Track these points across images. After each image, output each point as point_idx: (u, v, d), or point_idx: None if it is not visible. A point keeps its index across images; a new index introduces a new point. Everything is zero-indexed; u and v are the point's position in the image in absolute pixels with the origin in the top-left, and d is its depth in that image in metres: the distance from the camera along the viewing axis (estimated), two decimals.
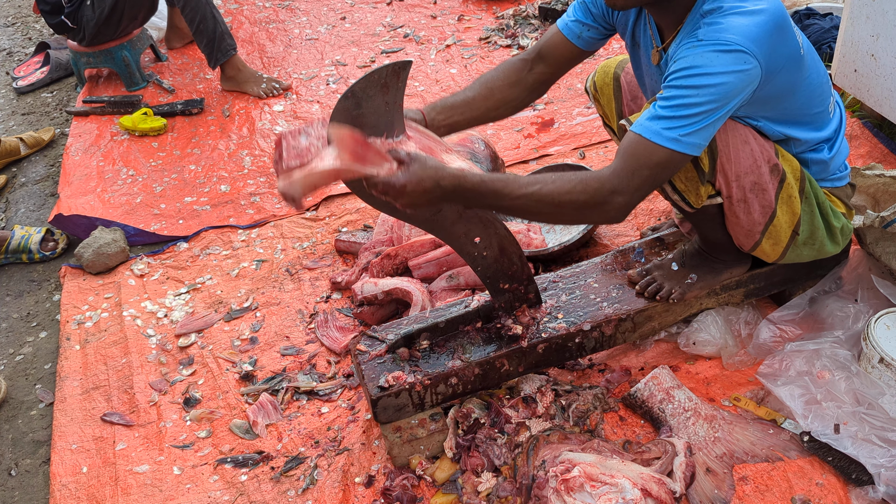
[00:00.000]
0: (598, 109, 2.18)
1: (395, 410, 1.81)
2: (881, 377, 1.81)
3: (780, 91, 1.65)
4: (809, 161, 1.81)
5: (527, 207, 1.62)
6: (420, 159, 1.57)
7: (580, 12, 1.91)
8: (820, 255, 1.92)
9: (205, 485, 1.93)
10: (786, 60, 1.60)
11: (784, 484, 1.71)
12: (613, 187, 1.57)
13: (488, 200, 1.61)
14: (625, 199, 1.58)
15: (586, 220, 1.69)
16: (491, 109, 1.95)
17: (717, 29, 1.54)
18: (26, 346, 2.49)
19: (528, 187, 1.59)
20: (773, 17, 1.54)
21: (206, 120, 3.57)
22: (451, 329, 1.93)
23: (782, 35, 1.58)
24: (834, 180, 1.87)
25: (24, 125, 3.84)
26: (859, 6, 2.53)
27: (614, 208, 1.59)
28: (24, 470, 2.08)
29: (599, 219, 1.68)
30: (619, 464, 1.66)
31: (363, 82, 1.57)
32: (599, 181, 1.58)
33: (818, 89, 1.74)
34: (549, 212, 1.63)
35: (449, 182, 1.57)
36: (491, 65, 3.68)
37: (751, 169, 1.72)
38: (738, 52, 1.51)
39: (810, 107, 1.75)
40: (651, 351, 2.08)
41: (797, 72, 1.65)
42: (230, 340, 2.36)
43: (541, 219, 1.68)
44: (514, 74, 1.96)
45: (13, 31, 4.94)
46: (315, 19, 4.41)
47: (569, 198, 1.58)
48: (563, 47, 1.94)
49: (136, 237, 2.86)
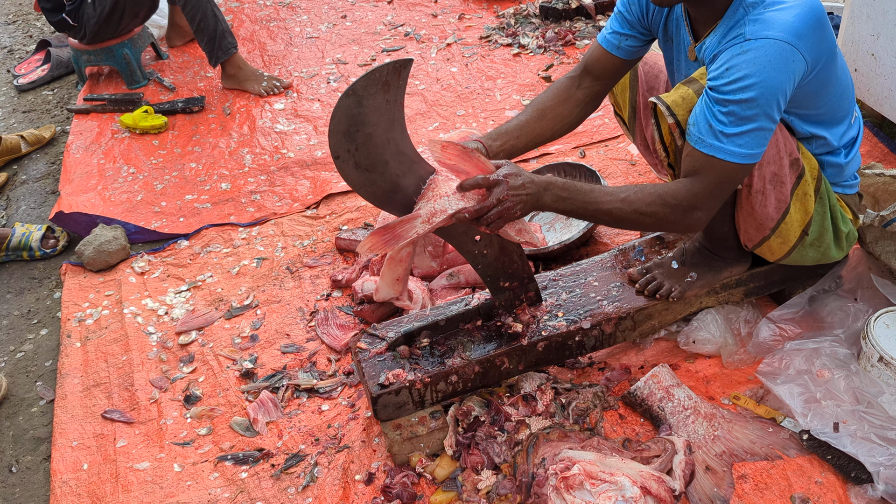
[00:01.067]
0: (610, 99, 2.20)
1: (396, 408, 1.82)
2: (880, 376, 1.81)
3: (816, 87, 1.67)
4: (826, 164, 1.82)
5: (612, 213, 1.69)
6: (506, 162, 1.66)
7: (616, 23, 1.95)
8: (823, 260, 1.92)
9: (205, 482, 1.93)
10: (825, 55, 1.62)
11: (783, 482, 1.71)
12: (692, 206, 1.67)
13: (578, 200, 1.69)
14: (705, 213, 1.69)
15: (666, 229, 1.81)
16: (546, 129, 2.01)
17: (763, 26, 1.55)
18: (27, 344, 2.50)
19: (617, 194, 1.69)
20: (815, 11, 1.56)
21: (206, 118, 3.58)
22: (452, 327, 1.93)
23: (822, 28, 1.59)
24: (846, 187, 1.88)
25: (24, 123, 3.85)
26: (860, 5, 2.53)
27: (695, 221, 1.69)
28: (24, 467, 2.08)
29: (681, 230, 1.76)
30: (619, 462, 1.67)
31: (364, 80, 1.57)
32: (677, 199, 1.67)
33: (846, 90, 1.76)
34: (633, 219, 1.71)
35: (540, 178, 1.66)
36: (492, 63, 3.68)
37: (773, 159, 1.72)
38: (786, 47, 1.53)
39: (838, 107, 1.77)
40: (651, 349, 2.08)
41: (832, 67, 1.67)
42: (231, 338, 2.36)
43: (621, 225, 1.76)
44: (564, 93, 2.01)
45: (14, 28, 4.95)
46: (316, 17, 4.41)
47: (650, 209, 1.68)
48: (606, 60, 1.99)
49: (137, 235, 2.86)
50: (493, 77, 3.58)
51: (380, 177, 1.69)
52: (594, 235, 2.49)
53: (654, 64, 2.09)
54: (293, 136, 3.35)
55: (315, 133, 3.35)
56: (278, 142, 3.32)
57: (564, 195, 1.68)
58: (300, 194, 2.97)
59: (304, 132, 3.37)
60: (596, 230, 2.48)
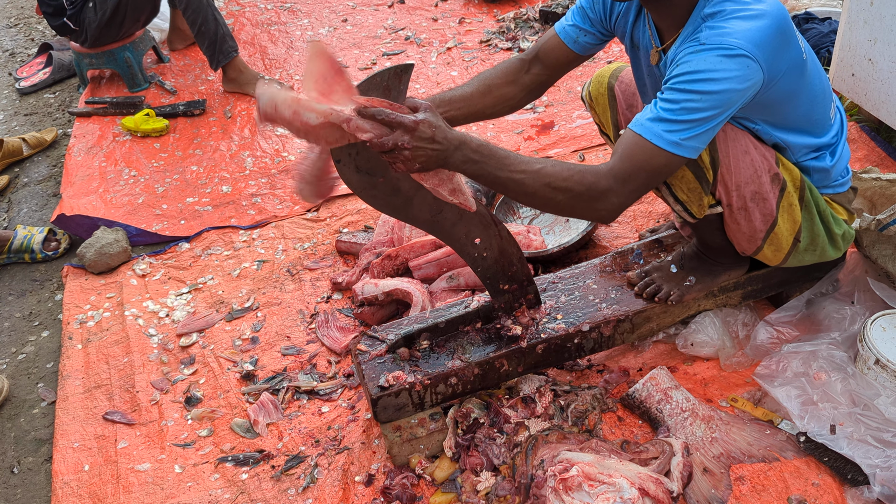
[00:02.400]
0: (594, 118, 2.18)
1: (395, 410, 1.83)
2: (877, 378, 1.83)
3: (781, 96, 1.65)
4: (811, 169, 1.81)
5: (523, 183, 1.57)
6: (433, 110, 1.53)
7: (578, 17, 1.92)
8: (822, 259, 1.93)
9: (206, 483, 1.94)
10: (788, 65, 1.60)
11: (780, 484, 1.72)
12: (609, 186, 1.57)
13: (489, 166, 1.55)
14: (619, 200, 1.59)
15: (577, 213, 1.65)
16: (488, 106, 1.97)
17: (719, 32, 1.54)
18: (28, 345, 2.51)
19: (531, 164, 1.57)
20: (776, 21, 1.54)
21: (207, 121, 3.59)
22: (451, 329, 1.94)
23: (785, 39, 1.58)
24: (836, 186, 1.87)
25: (26, 126, 3.86)
26: (857, 11, 2.54)
27: (606, 208, 1.59)
28: (26, 468, 2.09)
29: (591, 215, 1.64)
30: (617, 463, 1.68)
31: (366, 84, 1.58)
32: (596, 176, 1.57)
33: (819, 96, 1.74)
34: (543, 195, 1.58)
35: (454, 136, 1.52)
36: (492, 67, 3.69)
37: (751, 179, 1.72)
38: (741, 56, 1.51)
39: (811, 113, 1.75)
40: (649, 352, 2.09)
41: (799, 77, 1.65)
42: (231, 340, 2.37)
43: (532, 200, 1.59)
44: (512, 74, 1.98)
45: (16, 31, 4.96)
46: (316, 21, 4.42)
47: (565, 185, 1.57)
48: (560, 51, 1.96)
49: (138, 237, 2.87)
50: None
51: (380, 180, 1.70)
52: (593, 238, 2.51)
53: (630, 82, 2.04)
54: (294, 140, 3.36)
55: None
56: (279, 145, 3.34)
57: (476, 157, 1.54)
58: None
59: None
60: (595, 233, 2.49)
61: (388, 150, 1.50)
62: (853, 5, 2.56)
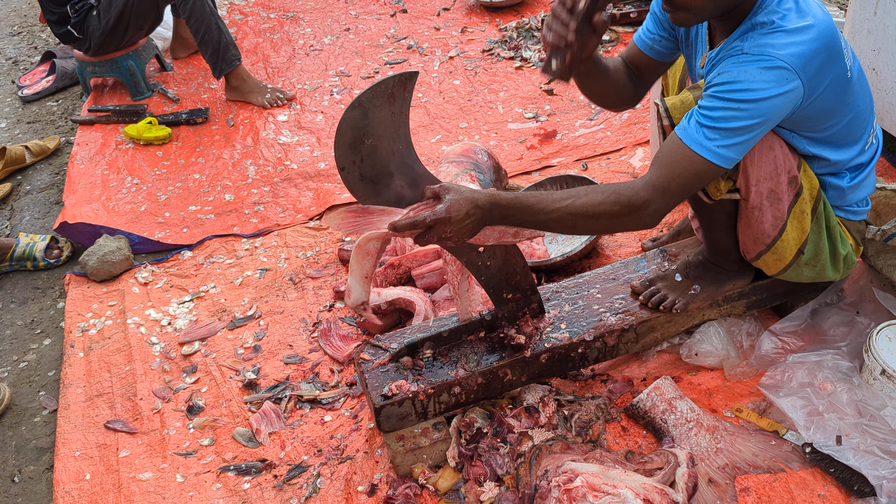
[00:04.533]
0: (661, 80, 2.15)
1: (398, 419, 1.82)
2: (883, 389, 1.82)
3: (820, 112, 1.64)
4: (827, 184, 1.80)
5: (561, 220, 1.63)
6: (452, 188, 1.60)
7: (651, 22, 1.91)
8: (819, 279, 1.92)
9: (208, 492, 1.93)
10: (830, 82, 1.60)
11: (786, 495, 1.71)
12: (648, 196, 1.60)
13: (523, 216, 1.63)
14: (658, 206, 1.61)
15: (621, 229, 1.70)
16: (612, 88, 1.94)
17: (763, 44, 1.54)
18: (30, 353, 2.50)
19: (562, 201, 1.62)
20: (823, 37, 1.54)
21: (210, 129, 3.59)
22: (455, 338, 1.93)
23: (829, 55, 1.57)
24: (849, 212, 1.86)
25: (29, 133, 3.86)
26: (861, 21, 2.55)
27: (647, 215, 1.62)
28: (27, 476, 2.08)
29: (634, 226, 1.67)
30: (622, 474, 1.67)
31: (370, 92, 1.59)
32: (632, 190, 1.60)
33: (860, 117, 1.73)
34: (583, 224, 1.65)
35: (485, 201, 1.59)
36: (494, 76, 3.70)
37: (770, 175, 1.72)
38: (783, 69, 1.51)
39: (849, 132, 1.74)
40: (653, 361, 2.08)
41: (841, 95, 1.64)
42: (233, 349, 2.36)
43: (575, 231, 1.69)
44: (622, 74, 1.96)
45: (19, 39, 4.98)
46: (319, 30, 4.43)
47: (601, 209, 1.61)
48: (640, 59, 1.95)
49: (141, 245, 2.87)
50: (495, 90, 3.59)
51: (384, 188, 1.70)
52: (597, 247, 2.50)
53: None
54: (296, 148, 3.36)
55: (318, 145, 3.37)
56: (281, 153, 3.34)
57: (510, 212, 1.62)
58: (303, 205, 2.98)
59: (308, 144, 3.39)
60: (598, 242, 2.49)
61: (437, 241, 1.60)
62: (857, 15, 2.56)
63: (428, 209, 1.57)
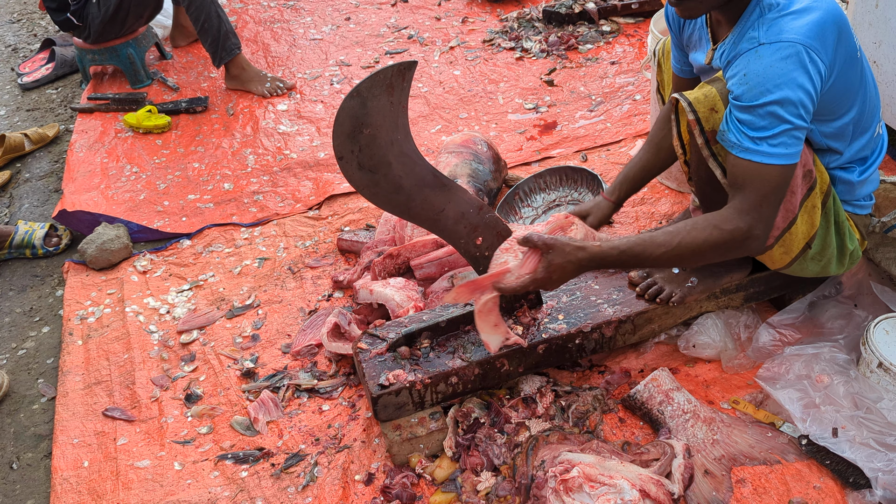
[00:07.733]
0: (657, 75, 2.22)
1: (396, 409, 1.82)
2: (879, 381, 1.82)
3: (836, 94, 1.66)
4: (837, 179, 1.81)
5: (671, 261, 1.70)
6: (556, 246, 1.67)
7: (674, 48, 1.98)
8: (823, 274, 1.92)
9: (205, 480, 1.93)
10: (844, 59, 1.62)
11: (782, 487, 1.72)
12: (748, 223, 1.63)
13: (631, 265, 1.73)
14: (762, 229, 1.64)
15: (732, 256, 1.74)
16: (661, 161, 2.10)
17: (777, 30, 1.56)
18: (29, 341, 2.51)
19: (666, 245, 1.68)
20: (831, 14, 1.57)
21: (210, 118, 3.59)
22: (452, 328, 1.94)
23: (840, 30, 1.60)
24: (857, 206, 1.87)
25: (28, 121, 3.86)
26: (862, 13, 2.54)
27: (755, 239, 1.65)
28: (25, 464, 2.09)
29: (746, 252, 1.71)
30: (618, 465, 1.67)
31: (369, 82, 1.58)
32: (730, 221, 1.64)
33: (870, 103, 1.76)
34: (694, 260, 1.72)
35: (589, 260, 1.69)
36: (494, 67, 3.69)
37: None
38: (801, 48, 1.54)
39: (860, 119, 1.75)
40: (651, 353, 2.08)
41: (854, 75, 1.67)
42: (232, 337, 2.37)
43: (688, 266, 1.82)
44: (668, 123, 2.03)
45: (19, 27, 4.96)
46: (320, 19, 4.42)
47: (708, 244, 1.66)
48: (684, 85, 2.03)
49: (140, 234, 2.87)
50: (495, 80, 3.59)
51: (383, 178, 1.70)
52: None
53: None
54: (296, 137, 3.36)
55: (318, 134, 3.36)
56: (281, 143, 3.33)
57: (615, 266, 1.73)
58: (302, 195, 2.98)
59: (307, 133, 3.38)
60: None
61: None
62: (858, 8, 2.55)
63: (530, 274, 1.69)
